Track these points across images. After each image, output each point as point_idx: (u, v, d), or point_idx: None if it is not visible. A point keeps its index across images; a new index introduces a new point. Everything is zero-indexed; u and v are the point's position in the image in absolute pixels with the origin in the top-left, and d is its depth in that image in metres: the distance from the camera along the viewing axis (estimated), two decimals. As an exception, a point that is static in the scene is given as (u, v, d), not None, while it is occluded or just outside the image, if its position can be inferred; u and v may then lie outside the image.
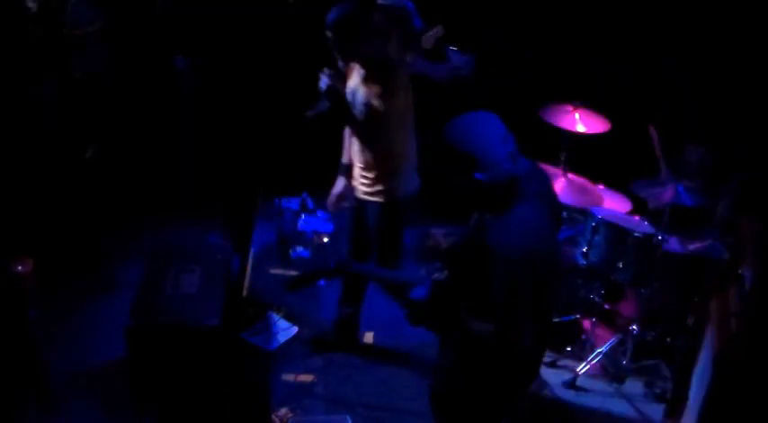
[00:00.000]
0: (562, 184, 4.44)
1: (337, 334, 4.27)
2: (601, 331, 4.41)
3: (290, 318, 4.44)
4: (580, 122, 4.41)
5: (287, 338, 4.30)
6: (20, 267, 4.11)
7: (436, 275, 2.70)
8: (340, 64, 3.76)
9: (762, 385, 2.74)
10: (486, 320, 2.39)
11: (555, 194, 2.68)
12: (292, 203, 5.42)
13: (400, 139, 3.74)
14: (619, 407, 4.02)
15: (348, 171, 3.96)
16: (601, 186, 4.62)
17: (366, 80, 3.66)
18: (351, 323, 4.24)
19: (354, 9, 3.60)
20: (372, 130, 3.74)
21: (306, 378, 4.03)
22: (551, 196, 2.62)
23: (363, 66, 3.69)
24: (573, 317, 4.48)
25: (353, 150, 3.87)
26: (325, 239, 5.17)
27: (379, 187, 3.79)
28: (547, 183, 2.59)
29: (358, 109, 3.67)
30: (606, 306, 4.34)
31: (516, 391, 2.74)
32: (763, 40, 4.72)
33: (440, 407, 2.83)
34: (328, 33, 3.60)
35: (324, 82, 3.71)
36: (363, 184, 3.85)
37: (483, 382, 2.61)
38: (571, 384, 4.10)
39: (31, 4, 4.91)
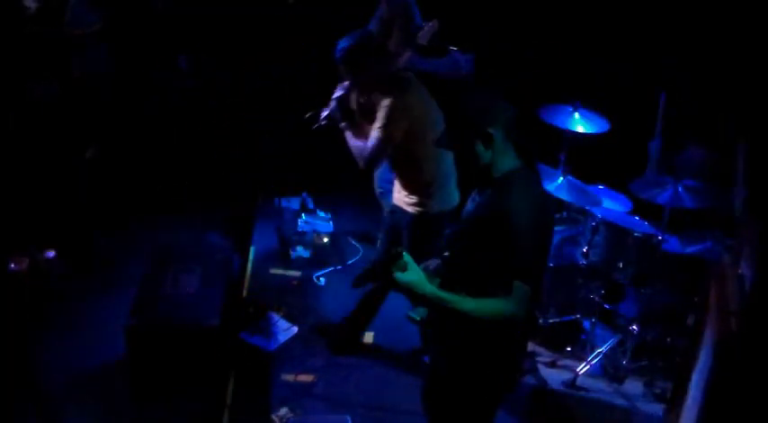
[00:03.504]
0: (561, 184, 4.43)
1: (342, 332, 4.26)
2: (601, 331, 4.41)
3: (289, 318, 4.44)
4: (580, 122, 4.41)
5: (287, 338, 4.30)
6: (17, 266, 4.14)
7: (429, 264, 2.70)
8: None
9: (762, 385, 2.74)
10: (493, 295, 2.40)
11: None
12: (292, 203, 5.43)
13: (426, 155, 3.66)
14: (619, 407, 4.02)
15: None
16: (601, 187, 4.62)
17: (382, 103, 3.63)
18: (360, 326, 4.23)
19: (361, 38, 3.60)
20: (397, 151, 3.73)
21: (306, 378, 4.04)
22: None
23: (380, 90, 3.65)
24: (573, 317, 4.48)
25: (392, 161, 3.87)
26: (325, 239, 5.17)
27: (412, 199, 3.78)
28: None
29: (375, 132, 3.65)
30: (606, 306, 4.34)
31: (507, 381, 2.75)
32: (763, 40, 4.72)
33: (433, 403, 2.82)
34: (340, 66, 3.61)
35: (337, 95, 3.73)
36: (399, 192, 3.86)
37: (477, 373, 2.62)
38: (571, 384, 4.10)
39: (29, 4, 4.91)
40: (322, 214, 5.33)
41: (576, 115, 4.43)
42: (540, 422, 3.89)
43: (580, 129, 4.40)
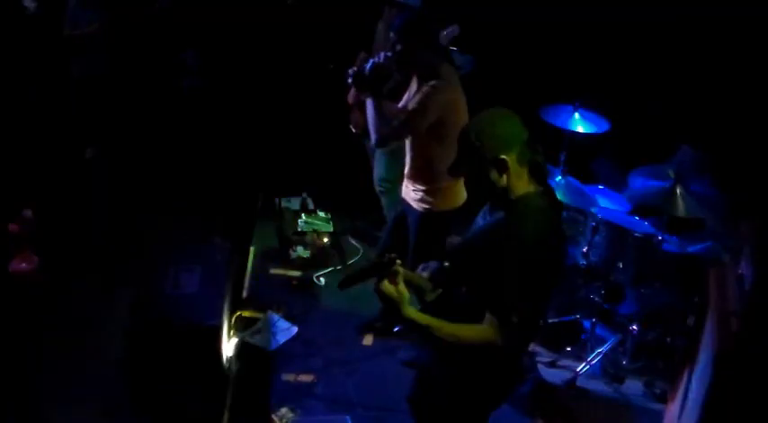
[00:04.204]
0: (561, 185, 4.44)
1: (385, 320, 4.26)
2: (601, 331, 4.41)
3: (289, 318, 4.44)
4: (580, 122, 4.41)
5: (287, 338, 4.30)
6: (21, 266, 4.12)
7: (428, 266, 2.69)
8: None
9: (762, 385, 2.74)
10: (493, 313, 2.37)
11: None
12: (292, 203, 5.43)
13: (441, 154, 3.59)
14: (619, 407, 4.02)
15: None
16: (601, 186, 4.62)
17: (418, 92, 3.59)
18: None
19: (422, 15, 3.56)
20: (414, 141, 3.71)
21: (306, 378, 4.04)
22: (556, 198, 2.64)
23: (420, 74, 3.62)
24: (573, 317, 4.48)
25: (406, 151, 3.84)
26: (325, 239, 5.17)
27: (419, 194, 3.78)
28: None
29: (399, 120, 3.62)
30: (606, 306, 4.34)
31: (504, 393, 2.74)
32: (759, 41, 4.74)
33: (424, 406, 2.82)
34: (393, 38, 3.54)
35: (376, 60, 3.60)
36: (407, 186, 3.85)
37: (473, 387, 2.61)
38: (571, 384, 4.10)
39: (28, 4, 4.92)
40: (322, 214, 5.33)
41: (576, 115, 4.43)
42: (539, 422, 3.89)
43: (580, 129, 4.40)
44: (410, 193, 3.82)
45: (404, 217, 3.91)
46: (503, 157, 2.38)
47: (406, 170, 3.84)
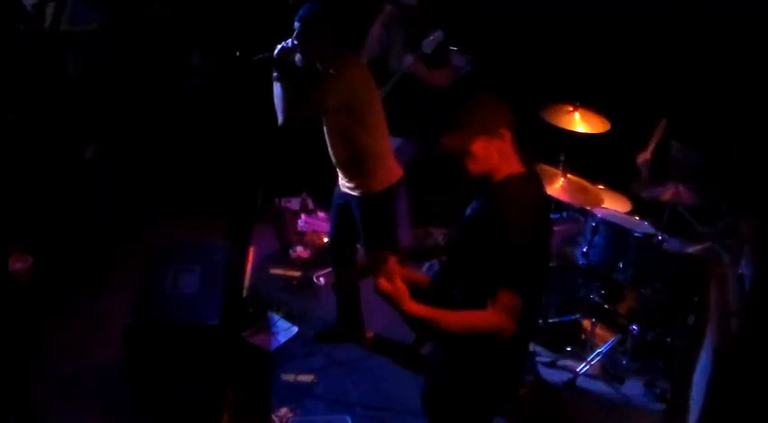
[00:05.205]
0: (562, 185, 4.43)
1: (343, 328, 4.28)
2: (601, 331, 4.41)
3: (289, 318, 4.44)
4: (580, 122, 4.41)
5: (287, 338, 4.30)
6: (18, 265, 4.12)
7: (427, 270, 2.69)
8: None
9: (762, 385, 2.74)
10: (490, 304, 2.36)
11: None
12: (292, 203, 5.43)
13: (366, 138, 3.74)
14: (619, 407, 4.02)
15: None
16: (601, 186, 4.62)
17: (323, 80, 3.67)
18: (354, 316, 4.25)
19: (327, 7, 3.63)
20: (335, 133, 3.78)
21: (306, 378, 4.04)
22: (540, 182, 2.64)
23: (322, 62, 3.69)
24: (573, 317, 4.48)
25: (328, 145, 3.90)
26: (325, 239, 5.17)
27: (355, 183, 3.84)
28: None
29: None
30: (606, 306, 4.34)
31: (510, 386, 2.73)
32: (759, 41, 4.73)
33: (433, 407, 2.82)
34: (298, 26, 3.62)
35: (283, 45, 3.67)
36: (342, 179, 3.92)
37: (478, 379, 2.61)
38: (571, 384, 4.10)
39: (27, 2, 4.91)
40: (322, 214, 5.33)
41: (576, 115, 4.43)
42: (539, 422, 3.89)
43: (580, 129, 4.40)
44: (346, 183, 3.90)
45: (347, 209, 3.96)
46: (501, 131, 2.42)
47: (336, 163, 3.90)
